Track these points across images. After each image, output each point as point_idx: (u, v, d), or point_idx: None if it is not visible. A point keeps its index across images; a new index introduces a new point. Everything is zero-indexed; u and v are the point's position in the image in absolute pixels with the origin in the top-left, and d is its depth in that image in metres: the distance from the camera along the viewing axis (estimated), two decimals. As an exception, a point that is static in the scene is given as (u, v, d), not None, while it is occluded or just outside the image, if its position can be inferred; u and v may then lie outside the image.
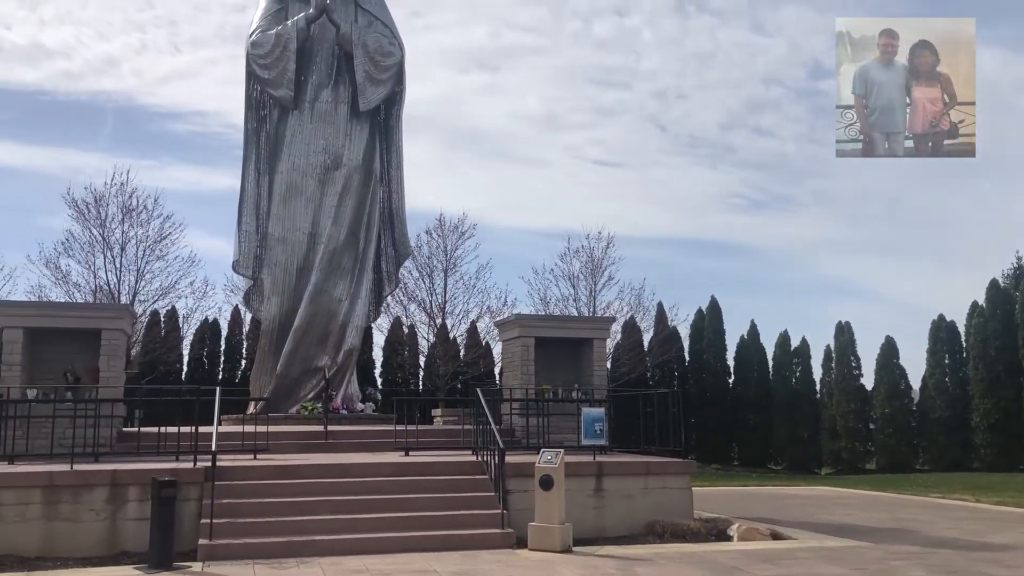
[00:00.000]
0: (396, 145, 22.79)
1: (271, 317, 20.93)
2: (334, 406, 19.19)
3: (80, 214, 29.61)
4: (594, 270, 34.60)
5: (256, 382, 21.08)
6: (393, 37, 22.17)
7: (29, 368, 15.10)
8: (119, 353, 15.58)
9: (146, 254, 30.13)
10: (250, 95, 21.96)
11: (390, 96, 22.16)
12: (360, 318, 21.33)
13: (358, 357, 22.32)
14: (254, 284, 21.91)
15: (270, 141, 21.94)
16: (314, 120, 21.44)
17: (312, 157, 21.22)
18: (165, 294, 30.85)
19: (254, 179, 21.90)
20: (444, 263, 34.09)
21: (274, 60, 21.09)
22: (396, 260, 23.08)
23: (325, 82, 21.64)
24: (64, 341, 15.60)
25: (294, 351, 20.41)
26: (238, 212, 21.72)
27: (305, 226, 21.03)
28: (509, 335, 18.26)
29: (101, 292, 29.31)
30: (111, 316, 15.89)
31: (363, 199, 21.53)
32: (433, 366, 34.06)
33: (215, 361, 34.41)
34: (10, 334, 14.96)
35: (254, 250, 21.61)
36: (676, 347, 36.49)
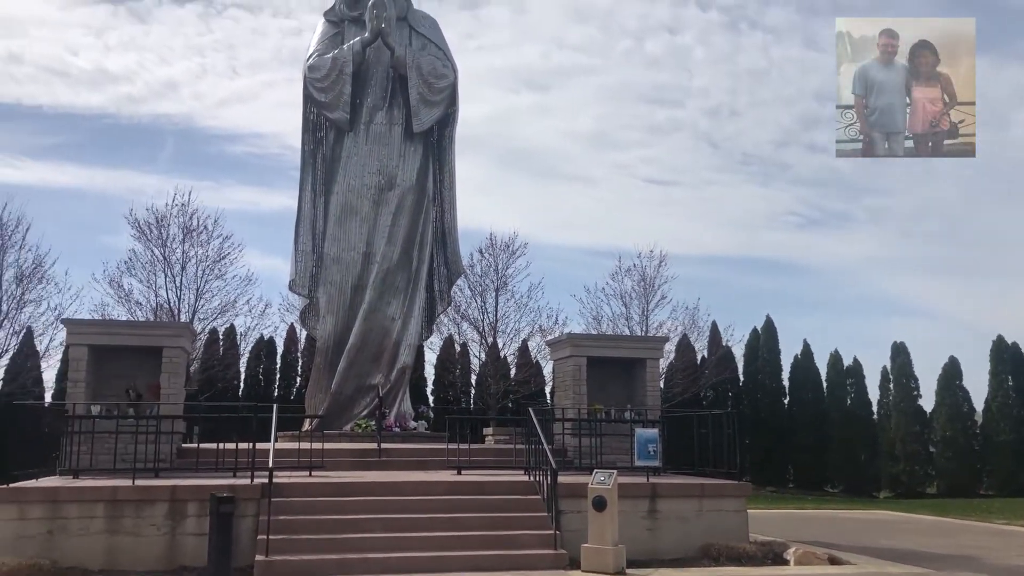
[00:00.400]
0: (449, 165, 23.02)
1: (326, 335, 21.21)
2: (387, 424, 19.36)
3: (142, 234, 30.45)
4: (646, 289, 34.43)
5: (311, 399, 21.37)
6: (447, 59, 22.43)
7: (93, 385, 15.51)
8: (179, 371, 15.94)
9: (205, 273, 30.85)
10: (307, 118, 22.38)
11: (443, 117, 22.40)
12: (413, 337, 21.51)
13: (410, 375, 22.49)
14: (310, 303, 22.28)
15: (326, 162, 22.32)
16: (369, 141, 21.76)
17: (367, 178, 21.52)
18: (223, 312, 31.53)
19: (311, 200, 22.29)
20: (495, 282, 34.28)
21: (330, 83, 21.47)
22: (448, 279, 23.27)
23: (380, 104, 21.96)
24: (127, 358, 16.00)
25: (348, 369, 20.65)
26: (295, 232, 22.12)
27: (360, 245, 21.31)
28: (561, 354, 18.25)
29: (162, 310, 30.02)
30: (172, 334, 16.27)
31: (416, 219, 21.77)
32: (484, 385, 34.17)
33: (271, 379, 34.96)
34: (76, 351, 15.41)
35: (310, 269, 21.97)
36: (730, 367, 36.08)
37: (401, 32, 22.19)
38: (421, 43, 22.37)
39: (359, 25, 21.98)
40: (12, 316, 30.60)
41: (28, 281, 30.84)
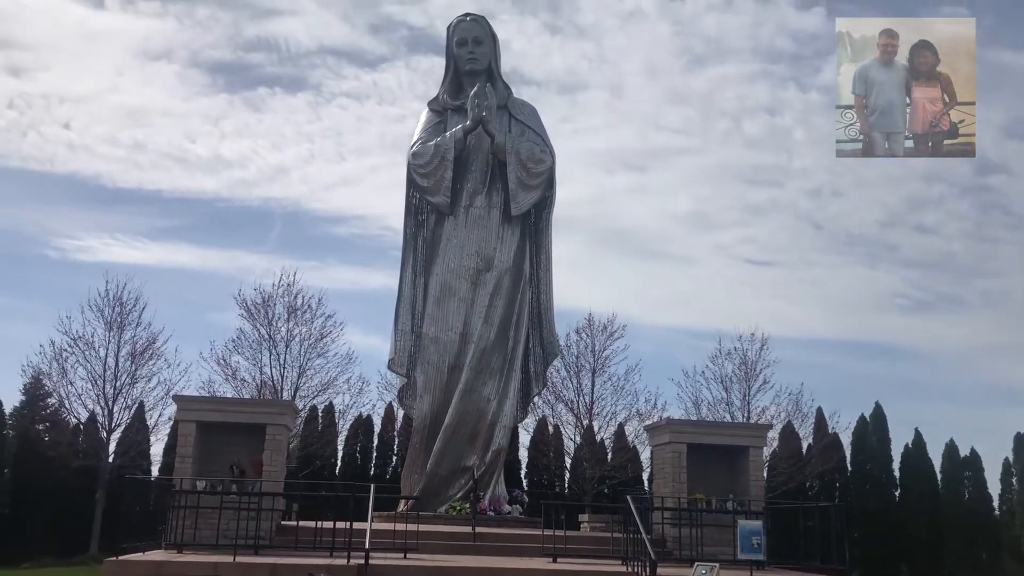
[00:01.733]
0: (545, 247, 23.21)
1: (423, 415, 21.35)
2: (482, 507, 19.19)
3: (250, 313, 31.55)
4: (748, 373, 33.58)
5: (407, 479, 21.41)
6: (545, 145, 22.84)
7: (200, 460, 15.93)
8: (281, 448, 16.25)
9: (308, 351, 31.67)
10: (409, 201, 23.00)
11: (541, 201, 22.70)
12: (508, 418, 21.44)
13: (505, 457, 22.34)
14: (408, 382, 22.51)
15: (427, 245, 22.80)
16: (468, 224, 22.16)
17: (465, 259, 21.87)
18: (324, 390, 32.20)
19: (411, 281, 22.75)
20: (592, 363, 34.00)
21: (433, 169, 22.06)
22: (544, 360, 23.23)
23: (479, 188, 22.40)
24: (231, 435, 16.41)
25: (444, 449, 20.67)
26: (395, 312, 22.54)
27: (457, 326, 21.54)
28: (660, 440, 17.87)
29: (265, 387, 30.83)
30: (276, 412, 16.66)
31: (513, 300, 21.92)
32: (579, 469, 33.64)
33: (368, 457, 35.26)
34: (184, 427, 15.92)
35: (409, 349, 22.28)
36: (837, 456, 34.59)
37: (501, 119, 22.73)
38: (520, 129, 22.87)
39: (461, 113, 22.64)
40: (126, 391, 31.98)
41: (141, 358, 32.27)
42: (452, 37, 23.00)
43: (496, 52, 23.39)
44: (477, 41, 22.76)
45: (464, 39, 22.76)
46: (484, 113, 21.97)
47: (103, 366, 31.57)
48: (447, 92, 23.19)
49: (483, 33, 22.94)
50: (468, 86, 22.56)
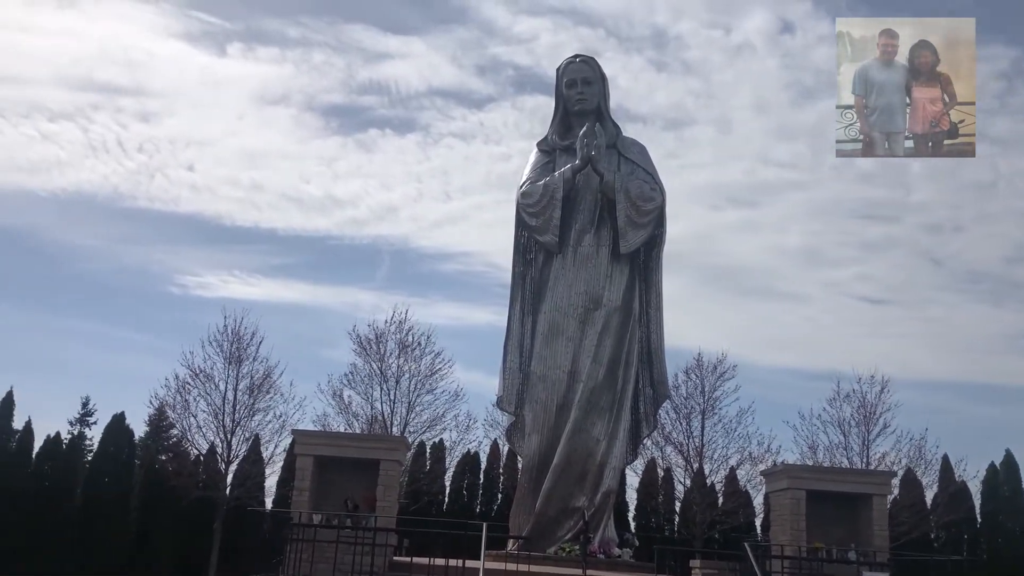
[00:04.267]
0: (655, 285, 22.96)
1: (531, 454, 21.26)
2: (592, 549, 18.91)
3: (363, 349, 32.29)
4: (867, 417, 32.22)
5: (515, 518, 21.29)
6: (655, 183, 22.69)
7: (316, 494, 16.27)
8: (394, 484, 16.46)
9: (418, 387, 32.14)
10: (518, 240, 23.15)
11: (650, 239, 22.49)
12: (617, 459, 21.14)
13: (615, 499, 22.00)
14: (516, 420, 22.49)
15: (534, 283, 22.85)
16: (576, 263, 22.12)
17: (574, 298, 21.80)
18: (432, 426, 32.55)
19: (519, 319, 22.81)
20: (702, 405, 33.29)
21: (541, 209, 22.16)
22: (654, 401, 22.87)
23: (588, 227, 22.36)
24: (345, 469, 16.72)
25: (552, 490, 20.49)
26: (503, 350, 22.61)
27: (565, 364, 21.42)
28: (777, 486, 17.30)
29: (376, 422, 31.40)
30: (389, 448, 16.91)
31: (622, 339, 21.70)
32: (689, 513, 32.85)
33: (474, 493, 35.36)
34: (302, 461, 16.31)
35: (517, 387, 22.28)
36: (965, 506, 32.73)
37: (610, 158, 22.72)
38: (630, 168, 22.79)
39: (570, 153, 22.74)
40: (243, 424, 33.05)
41: (258, 391, 33.34)
42: (562, 78, 23.21)
43: (605, 92, 23.47)
44: (586, 82, 22.90)
45: (573, 80, 22.93)
46: (593, 152, 21.99)
47: (222, 399, 32.76)
48: (556, 132, 23.36)
49: (592, 74, 23.06)
50: (577, 126, 22.67)
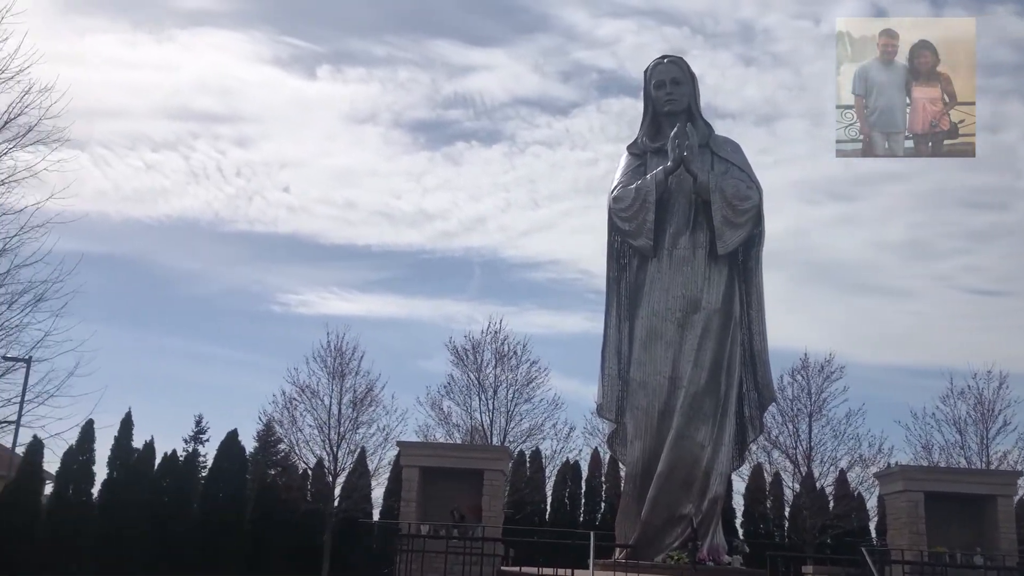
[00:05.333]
0: (756, 286, 22.46)
1: (634, 462, 21.04)
2: (701, 557, 18.60)
3: (460, 360, 32.62)
4: (984, 414, 30.77)
5: (621, 527, 21.10)
6: (750, 181, 22.21)
7: (422, 505, 16.48)
8: (499, 493, 16.55)
9: (515, 397, 32.26)
10: (611, 246, 22.98)
11: (748, 238, 22.03)
12: (724, 465, 20.71)
13: (722, 506, 21.58)
14: (617, 428, 22.30)
15: (630, 288, 22.64)
16: (672, 266, 21.82)
17: (671, 302, 21.51)
18: (531, 435, 32.60)
19: (615, 325, 22.62)
20: (809, 407, 32.38)
21: (634, 213, 21.96)
22: (760, 404, 22.35)
23: (683, 229, 22.03)
24: (449, 479, 16.89)
25: (657, 497, 20.23)
26: (601, 357, 22.47)
27: (665, 370, 21.13)
28: (892, 488, 16.70)
29: (476, 433, 31.63)
30: (493, 458, 17.02)
31: (723, 342, 21.29)
32: (799, 517, 31.96)
33: (576, 503, 35.21)
34: (408, 472, 16.56)
35: (616, 394, 22.10)
36: (1097, 506, 30.90)
37: (703, 158, 22.36)
38: (724, 167, 22.38)
39: (661, 155, 22.48)
40: (348, 437, 33.75)
41: (362, 404, 34.01)
42: (650, 80, 22.99)
43: (695, 91, 23.12)
44: (675, 82, 22.60)
45: (662, 81, 22.67)
46: (685, 153, 21.69)
47: (328, 413, 33.53)
48: (646, 135, 23.12)
49: (681, 74, 22.76)
50: (667, 127, 22.39)
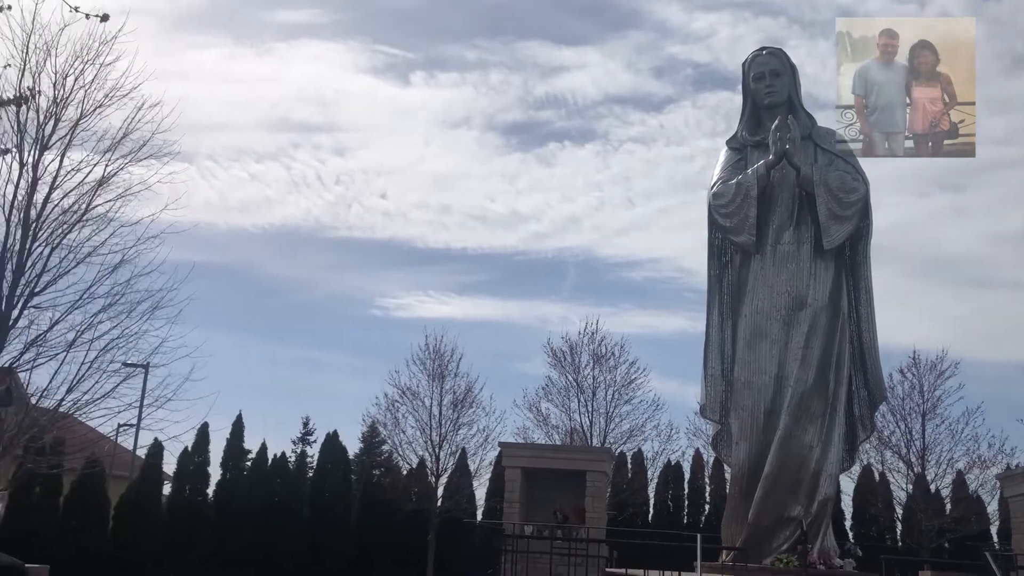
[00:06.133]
0: (864, 281, 21.74)
1: (739, 463, 20.62)
2: (811, 560, 18.10)
3: (557, 361, 32.60)
4: (1116, 412, 29.04)
5: (727, 529, 20.71)
6: (856, 173, 21.49)
7: (526, 506, 16.53)
8: (602, 495, 16.47)
9: (614, 398, 32.03)
10: (712, 243, 22.59)
11: (855, 232, 21.35)
12: (833, 466, 20.12)
13: (832, 508, 20.97)
14: (721, 429, 21.92)
15: (732, 286, 22.21)
16: (776, 262, 21.30)
17: (776, 299, 21.00)
18: (632, 437, 32.33)
19: (718, 324, 22.22)
20: (922, 406, 31.15)
21: (735, 208, 21.53)
22: (870, 403, 21.62)
23: (786, 224, 21.49)
24: (551, 481, 16.89)
25: (764, 499, 19.77)
26: (703, 357, 22.10)
27: (771, 369, 20.65)
28: (1017, 490, 15.92)
29: (575, 434, 31.56)
30: (595, 459, 16.96)
31: (831, 340, 20.67)
32: (913, 520, 30.76)
33: (679, 504, 34.75)
34: (510, 473, 16.64)
35: (720, 395, 21.71)
36: None
37: (806, 150, 21.75)
38: (828, 159, 21.72)
39: (762, 149, 21.97)
40: (449, 438, 34.15)
41: (461, 406, 34.36)
42: (748, 73, 22.49)
43: (796, 83, 22.53)
44: (775, 73, 22.06)
45: (761, 73, 22.15)
46: (787, 146, 21.14)
47: (428, 415, 34.00)
48: (746, 128, 22.63)
49: (781, 65, 22.21)
50: (768, 120, 21.86)
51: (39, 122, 19.09)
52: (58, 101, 19.38)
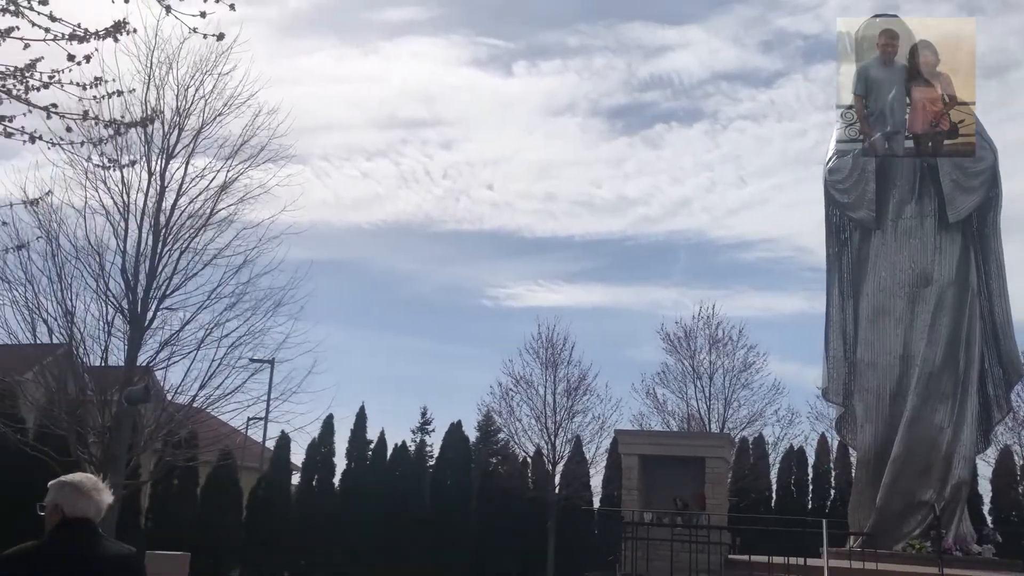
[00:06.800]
0: (994, 254, 20.71)
1: (865, 447, 20.00)
2: (946, 546, 17.39)
3: (672, 347, 32.23)
4: None
5: (854, 514, 20.12)
6: (982, 140, 20.43)
7: (645, 493, 16.47)
8: (722, 481, 16.25)
9: (732, 383, 31.45)
10: (830, 220, 21.93)
11: (983, 202, 20.35)
12: (967, 448, 19.29)
13: (967, 492, 20.09)
14: (845, 412, 21.30)
15: (852, 264, 21.53)
16: (898, 237, 20.55)
17: (899, 276, 20.27)
18: (751, 422, 31.70)
19: (838, 304, 21.59)
20: (1063, 383, 29.41)
21: (852, 184, 20.85)
22: (1005, 382, 20.62)
23: (907, 198, 20.69)
24: (668, 467, 16.76)
25: (893, 484, 19.11)
26: (824, 339, 21.51)
27: (896, 349, 19.95)
28: None
29: (693, 420, 31.16)
30: (715, 445, 16.75)
31: (959, 316, 19.81)
32: (1058, 504, 29.13)
33: (803, 490, 33.86)
34: (628, 460, 16.61)
35: (843, 376, 21.09)
36: None
37: (927, 120, 20.86)
38: (951, 127, 20.77)
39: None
40: (564, 425, 34.25)
41: (575, 393, 34.39)
42: (861, 42, 21.70)
43: (915, 51, 21.59)
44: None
45: (876, 42, 21.34)
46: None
47: (543, 403, 34.19)
48: (862, 100, 21.86)
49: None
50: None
51: (164, 132, 20.11)
52: (180, 112, 20.36)
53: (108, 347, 19.52)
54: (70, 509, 3.98)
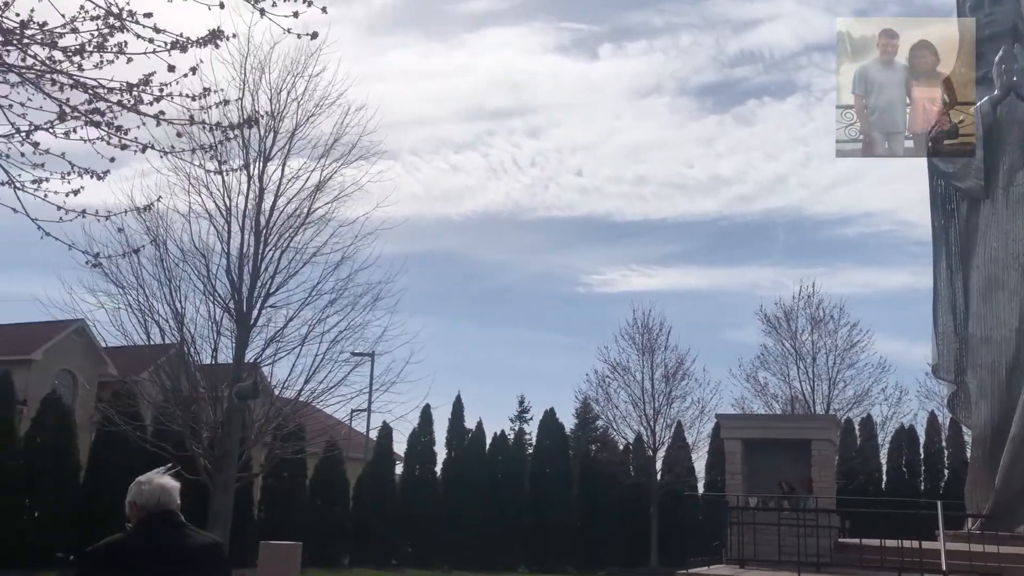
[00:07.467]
0: (1116, 219, 19.53)
1: (980, 425, 19.17)
2: (1072, 528, 16.54)
3: (772, 328, 31.57)
4: None
5: (971, 496, 19.32)
6: (1101, 98, 19.35)
7: (749, 478, 16.18)
8: (829, 464, 15.83)
9: (836, 363, 30.63)
10: (934, 191, 21.07)
11: (1103, 165, 19.22)
12: (1092, 425, 18.27)
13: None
14: (956, 389, 20.49)
15: (960, 236, 20.64)
16: (1010, 206, 19.56)
17: (1012, 246, 19.30)
18: (858, 402, 30.83)
19: (946, 278, 20.74)
20: None
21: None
22: None
23: (1019, 164, 19.69)
24: (773, 451, 16.39)
25: (1012, 463, 18.23)
26: (933, 314, 20.71)
27: (1012, 322, 19.03)
28: None
29: (796, 402, 30.47)
30: (820, 427, 16.33)
31: (1079, 287, 18.79)
32: None
33: (914, 471, 32.79)
34: (730, 445, 16.34)
35: (954, 353, 20.28)
36: None
37: (1037, 81, 19.82)
38: (1064, 88, 19.68)
39: (984, 85, 20.20)
40: (664, 411, 33.99)
41: (674, 379, 34.08)
42: (964, 3, 20.74)
43: (1020, 8, 20.51)
44: (995, 1, 20.22)
45: (979, 2, 20.37)
46: (1015, 78, 19.40)
47: (640, 389, 33.99)
48: (965, 64, 20.92)
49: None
50: (990, 53, 20.06)
51: (260, 136, 20.76)
52: (275, 115, 20.99)
53: (217, 346, 20.35)
54: (154, 504, 4.13)
